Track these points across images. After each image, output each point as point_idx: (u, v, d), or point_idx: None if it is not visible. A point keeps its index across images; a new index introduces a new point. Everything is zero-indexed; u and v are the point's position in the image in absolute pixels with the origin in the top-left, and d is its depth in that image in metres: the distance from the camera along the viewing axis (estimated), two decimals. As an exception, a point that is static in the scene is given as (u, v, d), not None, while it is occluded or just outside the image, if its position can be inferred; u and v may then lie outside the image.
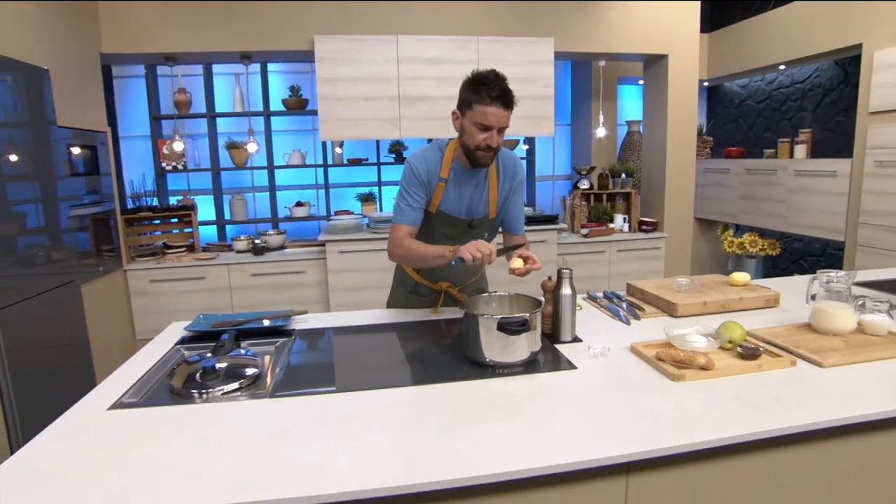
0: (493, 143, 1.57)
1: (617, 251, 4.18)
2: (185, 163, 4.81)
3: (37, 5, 2.87)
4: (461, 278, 1.90)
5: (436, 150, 1.73)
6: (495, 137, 1.57)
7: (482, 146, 1.58)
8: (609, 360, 1.39)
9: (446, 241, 1.72)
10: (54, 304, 2.80)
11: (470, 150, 1.62)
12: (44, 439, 1.08)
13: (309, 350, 1.61)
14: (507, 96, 1.54)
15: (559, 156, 5.55)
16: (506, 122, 1.57)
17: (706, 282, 1.97)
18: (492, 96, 1.52)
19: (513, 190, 1.80)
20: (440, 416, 1.13)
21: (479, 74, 1.55)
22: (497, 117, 1.54)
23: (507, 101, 1.54)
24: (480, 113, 1.53)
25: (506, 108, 1.55)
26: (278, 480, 0.91)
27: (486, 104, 1.52)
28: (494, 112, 1.53)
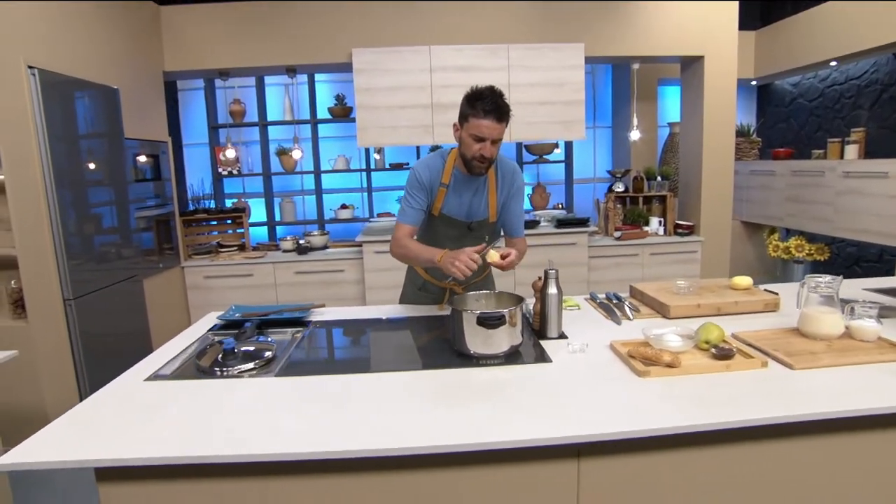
0: (486, 153, 1.69)
1: (650, 254, 4.14)
2: (239, 168, 5.21)
3: (108, 33, 3.26)
4: (467, 278, 2.01)
5: (438, 158, 1.87)
6: (489, 148, 1.69)
7: (477, 156, 1.70)
8: (586, 355, 1.48)
9: (448, 242, 1.87)
10: (121, 296, 3.17)
11: (467, 160, 1.75)
12: (92, 401, 1.32)
13: (319, 339, 1.79)
14: (500, 111, 1.64)
15: (600, 158, 5.53)
16: (499, 134, 1.68)
17: (707, 285, 1.99)
18: (485, 110, 1.63)
19: (510, 195, 1.91)
20: (423, 397, 1.26)
21: (477, 90, 1.68)
22: (490, 129, 1.65)
23: (500, 115, 1.65)
24: (475, 125, 1.66)
25: (499, 122, 1.66)
26: (270, 439, 1.09)
27: (480, 117, 1.65)
28: (488, 125, 1.65)
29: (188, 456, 1.05)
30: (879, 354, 1.38)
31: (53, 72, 2.69)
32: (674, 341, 1.43)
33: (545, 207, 5.02)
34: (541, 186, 5.07)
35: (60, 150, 2.69)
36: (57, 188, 2.65)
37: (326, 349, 1.70)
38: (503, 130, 1.69)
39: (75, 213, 2.80)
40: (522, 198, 1.96)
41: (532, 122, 4.00)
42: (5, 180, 2.44)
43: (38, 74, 2.57)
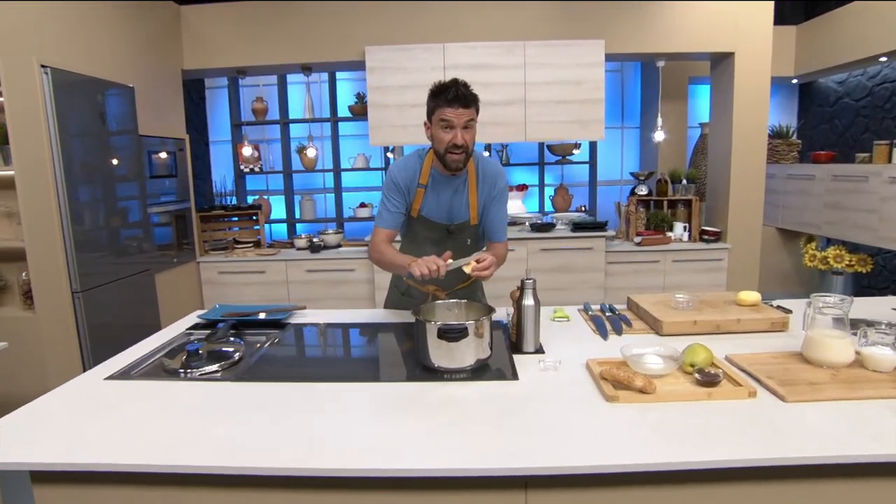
0: (458, 140, 1.63)
1: (673, 261, 3.94)
2: (260, 166, 5.27)
3: (127, 33, 3.33)
4: (450, 283, 1.93)
5: (415, 158, 1.80)
6: (459, 135, 1.63)
7: (449, 146, 1.64)
8: (558, 373, 1.37)
9: (429, 245, 1.79)
10: (131, 290, 3.23)
11: (441, 155, 1.68)
12: (45, 399, 1.31)
13: (291, 343, 1.74)
14: (464, 98, 1.61)
15: (627, 159, 5.32)
16: (467, 119, 1.63)
17: (709, 299, 1.83)
18: (448, 98, 1.60)
19: (492, 197, 1.81)
20: (370, 413, 1.18)
21: (439, 83, 1.65)
22: (457, 115, 1.61)
23: (465, 101, 1.61)
24: (441, 114, 1.63)
25: (464, 108, 1.61)
26: (198, 450, 1.05)
27: (444, 106, 1.62)
28: (453, 111, 1.61)
29: (109, 463, 1.02)
30: (894, 389, 1.21)
31: (66, 70, 2.75)
32: (654, 363, 1.30)
33: (567, 210, 4.86)
34: (563, 188, 4.92)
35: (71, 147, 2.75)
36: (67, 183, 2.71)
37: (292, 355, 1.65)
38: (472, 116, 1.65)
39: (85, 207, 2.86)
40: (505, 201, 1.86)
41: (548, 121, 3.86)
42: (15, 176, 2.51)
43: (50, 73, 2.63)
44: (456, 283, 1.94)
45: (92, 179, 2.93)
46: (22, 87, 2.53)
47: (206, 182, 5.40)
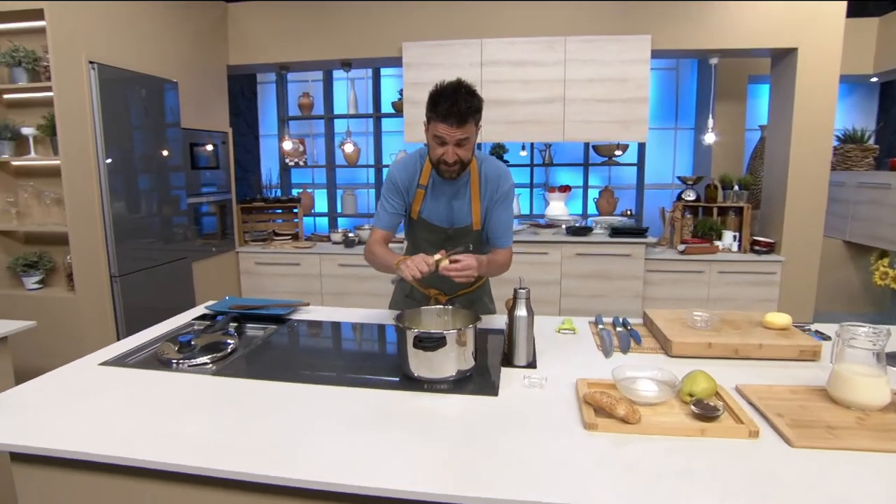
0: (448, 158, 1.53)
1: (718, 273, 3.67)
2: (305, 160, 5.39)
3: (174, 30, 3.46)
4: (452, 287, 1.85)
5: (416, 158, 1.73)
6: (451, 152, 1.52)
7: (441, 161, 1.56)
8: (543, 392, 1.27)
9: (428, 247, 1.73)
10: (167, 276, 3.37)
11: (434, 163, 1.61)
12: (41, 379, 1.37)
13: (284, 340, 1.73)
14: (459, 115, 1.46)
15: (680, 162, 5.03)
16: (462, 136, 1.50)
17: (732, 319, 1.66)
18: (443, 114, 1.47)
19: (494, 201, 1.72)
20: (335, 419, 1.14)
21: (440, 87, 1.50)
22: (450, 132, 1.49)
23: (461, 119, 1.47)
24: (434, 128, 1.52)
25: (459, 126, 1.48)
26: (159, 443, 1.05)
27: (438, 121, 1.50)
28: (445, 129, 1.49)
29: (67, 450, 1.04)
30: (935, 441, 1.03)
31: (113, 66, 2.89)
32: (647, 389, 1.18)
33: (611, 213, 4.66)
34: (608, 190, 4.71)
35: (114, 138, 2.89)
36: (109, 173, 2.85)
37: (281, 352, 1.64)
38: (468, 133, 1.52)
39: (125, 196, 3.00)
40: (510, 205, 1.75)
41: (588, 120, 3.69)
42: (61, 164, 2.66)
43: (97, 69, 2.77)
44: (459, 287, 1.87)
45: (133, 170, 3.07)
46: (71, 82, 2.67)
47: (255, 174, 5.59)
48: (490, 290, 2.00)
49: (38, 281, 2.89)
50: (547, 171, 5.02)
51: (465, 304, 1.82)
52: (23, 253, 2.90)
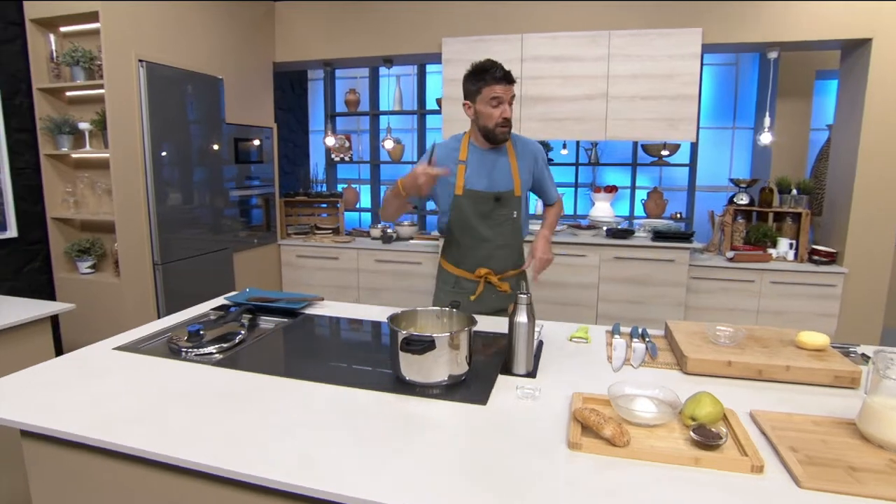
0: (507, 114, 1.76)
1: (771, 282, 3.41)
2: (351, 155, 5.48)
3: (222, 28, 3.59)
4: (501, 266, 1.94)
5: (454, 140, 1.94)
6: (508, 109, 1.77)
7: (499, 121, 1.76)
8: (534, 404, 1.21)
9: (478, 219, 1.88)
10: (208, 265, 3.51)
11: (489, 130, 1.79)
12: (56, 362, 1.45)
13: (291, 333, 1.74)
14: (509, 75, 1.75)
15: (738, 163, 4.73)
16: (511, 94, 1.77)
17: (762, 336, 1.52)
18: (496, 77, 1.72)
19: (539, 168, 1.97)
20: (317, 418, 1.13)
21: (479, 64, 1.77)
22: (505, 91, 1.75)
23: (510, 78, 1.76)
24: (491, 92, 1.73)
25: (510, 84, 1.76)
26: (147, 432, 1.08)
27: (493, 84, 1.73)
28: (502, 88, 1.74)
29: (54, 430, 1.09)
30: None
31: (161, 64, 3.03)
32: (645, 410, 1.10)
33: (660, 216, 4.44)
34: (657, 192, 4.49)
35: (160, 133, 3.03)
36: (154, 165, 3.00)
37: (284, 346, 1.65)
38: (514, 92, 1.80)
39: (169, 188, 3.14)
40: (548, 167, 2.04)
41: (632, 118, 3.52)
42: (110, 157, 2.82)
43: (146, 66, 2.91)
44: (508, 267, 1.96)
45: (177, 163, 3.21)
46: (121, 79, 2.83)
47: (304, 169, 5.74)
48: (528, 278, 2.07)
49: (91, 266, 3.08)
50: (594, 170, 4.85)
51: (515, 286, 1.98)
52: (78, 239, 3.10)
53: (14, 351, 2.06)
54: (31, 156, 2.96)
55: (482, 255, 1.91)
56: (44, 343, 2.18)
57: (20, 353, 2.07)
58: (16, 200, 2.89)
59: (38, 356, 2.02)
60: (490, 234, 1.88)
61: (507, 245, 1.92)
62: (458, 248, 1.94)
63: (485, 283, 1.92)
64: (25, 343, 2.11)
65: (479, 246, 1.90)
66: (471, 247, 1.91)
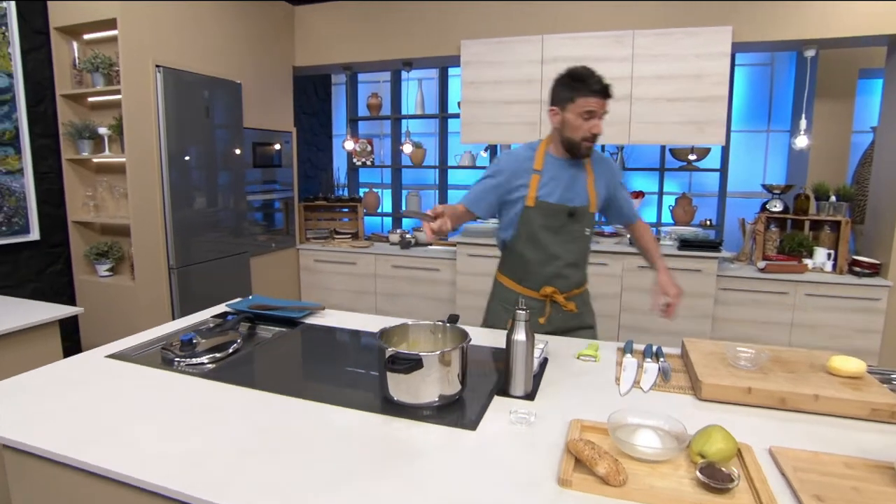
0: (597, 130, 1.65)
1: (806, 295, 3.20)
2: (372, 160, 5.46)
3: (240, 33, 3.61)
4: (566, 285, 1.83)
5: (527, 149, 1.81)
6: (600, 124, 1.65)
7: (587, 135, 1.65)
8: (529, 431, 1.11)
9: (547, 234, 1.76)
10: (225, 270, 3.52)
11: (574, 142, 1.68)
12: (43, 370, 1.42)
13: (286, 344, 1.69)
14: (607, 89, 1.63)
15: (772, 168, 4.49)
16: (605, 109, 1.65)
17: (789, 358, 1.38)
18: (594, 89, 1.61)
19: (615, 186, 1.86)
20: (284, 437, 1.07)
21: (574, 71, 1.67)
22: (598, 105, 1.62)
23: (608, 92, 1.63)
24: (584, 104, 1.62)
25: (605, 98, 1.63)
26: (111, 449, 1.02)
27: (588, 95, 1.61)
28: (596, 102, 1.61)
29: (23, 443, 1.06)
30: None
31: (179, 69, 3.06)
32: (648, 444, 0.99)
33: (689, 223, 4.26)
34: (686, 198, 4.30)
35: (177, 137, 3.05)
36: (170, 170, 3.02)
37: (276, 357, 1.59)
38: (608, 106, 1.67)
39: (185, 192, 3.16)
40: (625, 186, 1.93)
41: (658, 121, 3.37)
42: (126, 161, 2.85)
43: (163, 72, 2.94)
44: (573, 286, 1.85)
45: (193, 167, 3.23)
46: (138, 85, 2.85)
47: (327, 173, 5.75)
48: (589, 298, 1.97)
49: (109, 269, 3.12)
50: (619, 175, 4.69)
51: (581, 305, 1.88)
52: (97, 242, 3.15)
53: (23, 353, 2.07)
54: (54, 160, 3.02)
55: (549, 272, 1.79)
56: (52, 346, 2.19)
57: (29, 355, 2.08)
58: (39, 204, 2.95)
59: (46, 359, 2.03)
60: (560, 251, 1.76)
61: (575, 263, 1.81)
62: (522, 265, 1.81)
63: (550, 303, 1.80)
64: (35, 346, 2.12)
65: (547, 263, 1.78)
66: (538, 263, 1.78)
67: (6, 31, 2.76)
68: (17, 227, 2.87)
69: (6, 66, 2.77)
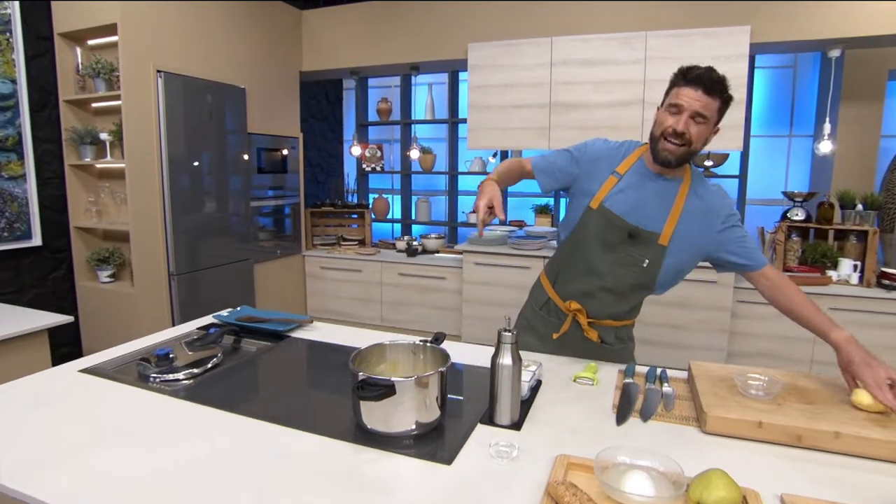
0: (679, 126, 1.34)
1: (829, 309, 3.02)
2: (382, 165, 5.40)
3: (246, 38, 3.58)
4: (597, 309, 1.54)
5: (621, 145, 1.54)
6: (683, 122, 1.34)
7: (668, 132, 1.36)
8: (509, 467, 1.01)
9: (599, 246, 1.49)
10: (227, 276, 3.47)
11: (654, 141, 1.41)
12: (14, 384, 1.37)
13: (266, 360, 1.61)
14: (708, 81, 1.32)
15: (795, 175, 4.31)
16: (702, 107, 1.33)
17: (809, 388, 1.25)
18: (689, 77, 1.34)
19: (716, 231, 1.46)
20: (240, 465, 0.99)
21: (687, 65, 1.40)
22: (690, 98, 1.33)
23: (709, 86, 1.32)
24: (674, 94, 1.37)
25: (706, 93, 1.32)
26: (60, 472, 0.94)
27: (681, 85, 1.36)
28: (688, 93, 1.33)
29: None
30: None
31: (180, 74, 3.03)
32: (639, 489, 0.88)
33: (705, 231, 4.09)
34: (702, 205, 4.14)
35: (178, 143, 3.03)
36: (170, 175, 2.99)
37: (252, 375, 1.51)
38: (712, 107, 1.34)
39: (186, 198, 3.13)
40: (741, 226, 1.48)
41: (671, 126, 3.23)
42: (126, 167, 2.82)
43: (164, 77, 2.91)
44: (608, 313, 1.55)
45: (194, 173, 3.20)
46: (138, 90, 2.83)
47: (338, 178, 5.72)
48: (633, 332, 1.69)
49: (110, 275, 3.10)
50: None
51: (610, 338, 1.60)
52: (98, 248, 3.13)
53: (11, 362, 2.04)
54: (57, 166, 3.02)
55: (581, 287, 1.54)
56: (41, 355, 2.16)
57: (16, 364, 2.04)
58: (41, 209, 2.95)
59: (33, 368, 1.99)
60: (604, 270, 1.48)
61: (618, 292, 1.51)
62: (563, 267, 1.61)
63: (572, 321, 1.57)
64: (23, 354, 2.09)
65: (584, 275, 1.53)
66: (575, 272, 1.55)
67: (10, 37, 2.77)
68: (20, 232, 2.86)
69: (10, 71, 2.77)
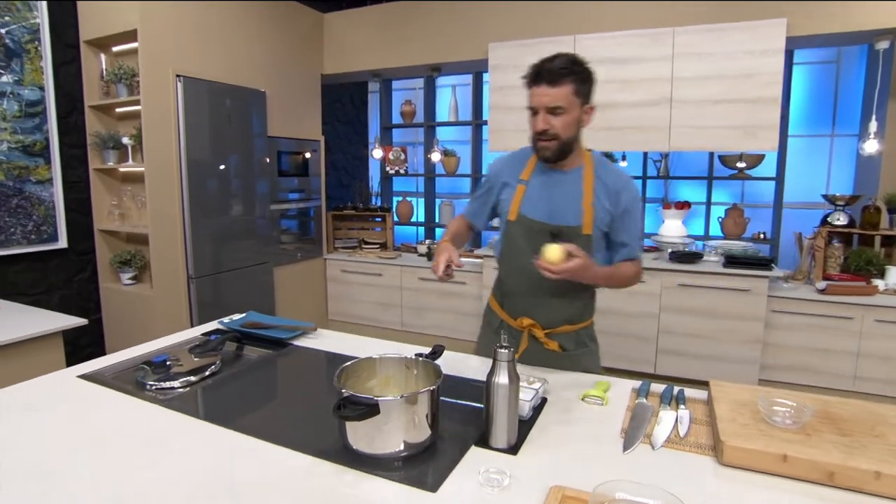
0: (538, 126, 1.39)
1: (875, 321, 2.81)
2: (406, 168, 5.37)
3: (267, 42, 3.60)
4: (550, 319, 1.52)
5: (521, 154, 1.60)
6: (542, 120, 1.38)
7: (535, 133, 1.41)
8: (498, 497, 0.92)
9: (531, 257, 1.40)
10: (247, 280, 3.49)
11: (533, 143, 1.46)
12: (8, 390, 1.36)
13: (265, 370, 1.57)
14: (548, 73, 1.34)
15: (838, 177, 4.06)
16: (552, 100, 1.36)
17: (841, 416, 1.12)
18: (532, 76, 1.38)
19: (623, 210, 1.48)
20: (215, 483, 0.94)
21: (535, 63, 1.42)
22: (539, 96, 1.37)
23: (550, 78, 1.34)
24: (529, 97, 1.41)
25: (550, 85, 1.34)
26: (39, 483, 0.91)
27: (530, 87, 1.40)
28: (536, 92, 1.38)
29: None
30: None
31: (199, 79, 3.06)
32: (640, 527, 0.79)
33: (739, 236, 3.91)
34: (736, 209, 3.96)
35: (197, 147, 3.05)
36: (189, 179, 3.01)
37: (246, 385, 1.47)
38: (563, 95, 1.35)
39: (205, 201, 3.15)
40: (636, 216, 1.51)
41: (701, 126, 3.08)
42: (145, 171, 2.86)
43: (183, 82, 2.94)
44: (561, 321, 1.53)
45: (214, 176, 3.22)
46: (158, 95, 2.87)
47: (363, 181, 5.72)
48: (594, 333, 1.64)
49: (132, 277, 3.15)
50: (666, 184, 4.38)
51: (570, 345, 1.55)
52: (121, 251, 3.18)
53: (27, 363, 2.07)
54: (82, 170, 3.08)
55: (528, 301, 1.52)
56: (56, 356, 2.18)
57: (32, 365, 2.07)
58: (67, 212, 3.01)
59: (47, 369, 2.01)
60: (542, 276, 1.39)
61: (563, 294, 1.49)
62: (504, 284, 1.60)
63: (528, 337, 1.53)
64: (38, 355, 2.11)
65: (525, 287, 1.51)
66: (517, 286, 1.54)
67: (39, 46, 2.84)
68: (46, 235, 2.93)
69: (38, 79, 2.85)
